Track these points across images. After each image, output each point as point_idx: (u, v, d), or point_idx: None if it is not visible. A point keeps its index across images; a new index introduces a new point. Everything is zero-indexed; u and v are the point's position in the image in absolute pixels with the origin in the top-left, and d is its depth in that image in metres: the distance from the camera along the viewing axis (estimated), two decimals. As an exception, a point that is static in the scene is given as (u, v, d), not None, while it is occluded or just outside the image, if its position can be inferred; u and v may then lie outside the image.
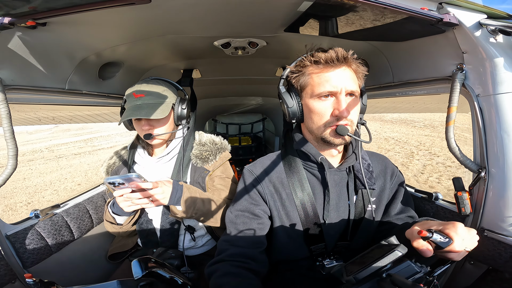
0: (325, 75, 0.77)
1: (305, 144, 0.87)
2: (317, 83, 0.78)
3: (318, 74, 0.78)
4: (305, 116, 0.84)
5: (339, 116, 0.77)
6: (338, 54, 0.75)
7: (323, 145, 0.85)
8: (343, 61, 0.76)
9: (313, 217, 0.86)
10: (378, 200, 0.92)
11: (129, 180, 0.87)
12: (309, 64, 0.79)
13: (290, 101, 0.84)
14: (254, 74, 1.75)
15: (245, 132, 3.22)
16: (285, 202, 0.88)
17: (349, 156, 0.88)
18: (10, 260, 0.87)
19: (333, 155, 0.88)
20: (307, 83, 0.80)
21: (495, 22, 0.73)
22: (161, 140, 1.14)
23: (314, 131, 0.82)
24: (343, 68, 0.77)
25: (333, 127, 0.78)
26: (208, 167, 1.17)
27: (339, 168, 0.88)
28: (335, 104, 0.77)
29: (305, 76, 0.81)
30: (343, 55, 0.76)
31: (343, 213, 0.89)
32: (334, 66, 0.76)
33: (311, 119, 0.82)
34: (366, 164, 0.90)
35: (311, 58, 0.79)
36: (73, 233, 1.17)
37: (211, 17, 0.92)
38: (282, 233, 0.89)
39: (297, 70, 0.83)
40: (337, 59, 0.76)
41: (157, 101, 1.06)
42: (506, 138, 0.76)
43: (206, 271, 0.81)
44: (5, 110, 0.79)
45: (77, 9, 0.69)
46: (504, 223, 0.79)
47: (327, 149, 0.87)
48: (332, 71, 0.77)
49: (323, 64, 0.77)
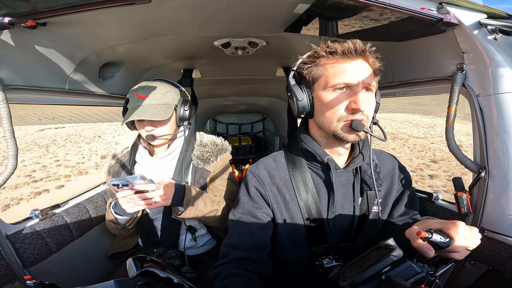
0: (341, 65, 0.72)
1: (311, 143, 0.83)
2: (332, 74, 0.72)
3: (333, 65, 0.73)
4: (316, 110, 0.79)
5: (355, 110, 0.71)
6: (356, 46, 0.71)
7: (333, 142, 0.81)
8: (360, 53, 0.72)
9: (316, 219, 0.83)
10: (384, 201, 0.89)
11: (133, 181, 0.87)
12: (324, 54, 0.73)
13: (300, 94, 0.78)
14: (254, 74, 1.75)
15: (245, 132, 3.22)
16: (289, 204, 0.84)
17: (356, 157, 0.85)
18: (10, 260, 0.87)
19: (340, 154, 0.84)
20: (320, 74, 0.75)
21: (495, 22, 0.73)
22: (163, 141, 1.14)
23: (325, 126, 0.77)
24: (360, 61, 0.72)
25: (348, 121, 0.72)
26: (209, 168, 1.17)
27: (345, 169, 0.85)
28: (351, 97, 0.71)
29: (318, 66, 0.75)
30: (361, 48, 0.71)
31: (347, 214, 0.86)
32: (351, 58, 0.71)
33: (322, 113, 0.76)
34: (373, 165, 0.86)
35: (326, 48, 0.73)
36: (73, 233, 1.17)
37: (211, 17, 0.92)
38: (284, 235, 0.87)
39: (310, 60, 0.77)
40: (355, 51, 0.71)
41: (160, 102, 1.06)
42: (506, 138, 0.76)
43: (210, 274, 0.80)
44: (5, 110, 0.79)
45: (77, 9, 0.69)
46: (504, 223, 0.79)
47: (336, 147, 0.82)
48: (349, 62, 0.72)
49: (340, 54, 0.71)
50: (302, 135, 0.87)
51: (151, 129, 1.08)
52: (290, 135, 0.97)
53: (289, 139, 0.98)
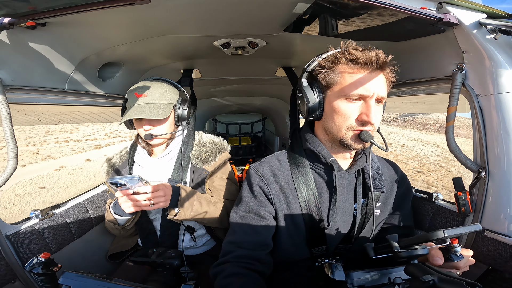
0: (360, 76, 0.72)
1: (317, 144, 0.83)
2: (348, 84, 0.72)
3: (351, 74, 0.72)
4: (326, 115, 0.79)
5: (366, 122, 0.73)
6: (379, 58, 0.71)
7: (337, 147, 0.81)
8: (381, 65, 0.72)
9: (317, 219, 0.83)
10: (383, 205, 0.90)
11: (130, 181, 0.87)
12: (344, 61, 0.73)
13: (312, 97, 0.78)
14: (254, 74, 1.75)
15: (245, 132, 3.22)
16: (291, 203, 0.84)
17: (359, 158, 0.85)
18: (10, 260, 0.87)
19: (345, 158, 0.85)
20: (336, 81, 0.75)
21: (495, 22, 0.73)
22: (162, 140, 1.14)
23: (334, 132, 0.78)
24: (377, 72, 0.73)
25: (357, 131, 0.74)
26: (208, 168, 1.17)
27: (348, 170, 0.85)
28: (363, 109, 0.73)
29: (335, 73, 0.75)
30: (383, 60, 0.71)
31: (348, 216, 0.87)
32: (371, 69, 0.72)
33: (332, 119, 0.77)
34: (375, 167, 0.87)
35: (347, 55, 0.72)
36: (73, 233, 1.17)
37: (211, 17, 0.92)
38: (285, 235, 0.86)
39: (328, 65, 0.76)
40: (377, 63, 0.71)
41: (158, 101, 1.06)
42: (506, 138, 0.76)
43: (212, 272, 0.79)
44: (5, 110, 0.79)
45: (77, 9, 0.69)
46: (504, 223, 0.79)
47: (341, 152, 0.83)
48: (368, 73, 0.72)
49: (361, 64, 0.71)
50: (307, 135, 0.87)
51: (149, 128, 1.08)
52: (293, 136, 0.97)
53: (291, 139, 0.97)
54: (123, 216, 1.07)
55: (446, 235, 0.56)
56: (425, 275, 0.52)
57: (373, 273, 0.68)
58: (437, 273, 0.52)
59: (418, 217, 1.11)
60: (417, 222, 1.11)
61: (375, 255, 0.71)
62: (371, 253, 0.72)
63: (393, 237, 0.66)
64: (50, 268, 0.68)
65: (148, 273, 1.11)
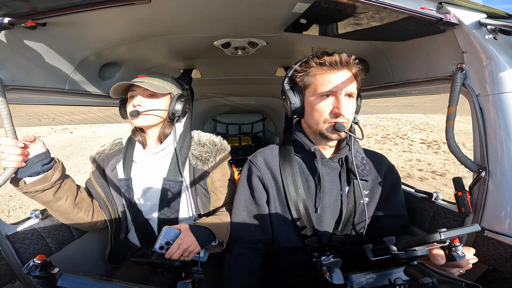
0: (328, 76, 0.84)
1: (301, 135, 0.96)
2: (320, 83, 0.85)
3: (322, 75, 0.85)
4: (306, 113, 0.92)
5: (338, 114, 0.84)
6: (342, 59, 0.83)
7: (320, 139, 0.93)
8: (345, 65, 0.84)
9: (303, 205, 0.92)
10: (371, 193, 0.96)
11: (173, 238, 0.94)
12: (315, 65, 0.86)
13: (293, 98, 0.91)
14: (254, 74, 1.75)
15: (245, 132, 3.22)
16: (280, 188, 0.96)
17: (342, 148, 0.95)
18: (10, 260, 0.87)
19: (328, 147, 0.96)
20: (310, 82, 0.88)
21: (495, 22, 0.73)
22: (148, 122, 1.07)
23: (313, 126, 0.90)
24: (344, 71, 0.85)
25: (332, 123, 0.86)
26: (208, 169, 1.16)
27: (331, 158, 0.95)
28: (335, 103, 0.85)
29: (309, 76, 0.88)
30: (346, 60, 0.84)
31: (336, 202, 0.94)
32: (337, 69, 0.84)
33: (311, 115, 0.90)
34: (360, 157, 0.96)
35: (317, 60, 0.86)
36: (73, 233, 1.16)
37: (211, 17, 0.92)
38: (275, 220, 0.96)
39: (302, 70, 0.90)
40: (341, 63, 0.84)
41: (157, 83, 1.07)
42: (506, 138, 0.76)
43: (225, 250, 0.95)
44: (5, 111, 0.79)
45: (77, 9, 0.69)
46: (504, 223, 0.79)
47: (322, 143, 0.95)
48: (335, 73, 0.84)
49: (328, 66, 0.84)
50: (295, 129, 1.00)
51: (137, 104, 1.04)
52: (286, 132, 1.10)
53: (284, 135, 1.11)
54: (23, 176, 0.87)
55: (442, 237, 0.57)
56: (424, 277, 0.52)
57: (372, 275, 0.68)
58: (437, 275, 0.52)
59: (418, 217, 1.11)
60: (417, 222, 1.11)
61: (373, 257, 0.73)
62: (370, 255, 0.74)
63: (390, 240, 0.67)
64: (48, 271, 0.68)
65: (148, 274, 1.10)
